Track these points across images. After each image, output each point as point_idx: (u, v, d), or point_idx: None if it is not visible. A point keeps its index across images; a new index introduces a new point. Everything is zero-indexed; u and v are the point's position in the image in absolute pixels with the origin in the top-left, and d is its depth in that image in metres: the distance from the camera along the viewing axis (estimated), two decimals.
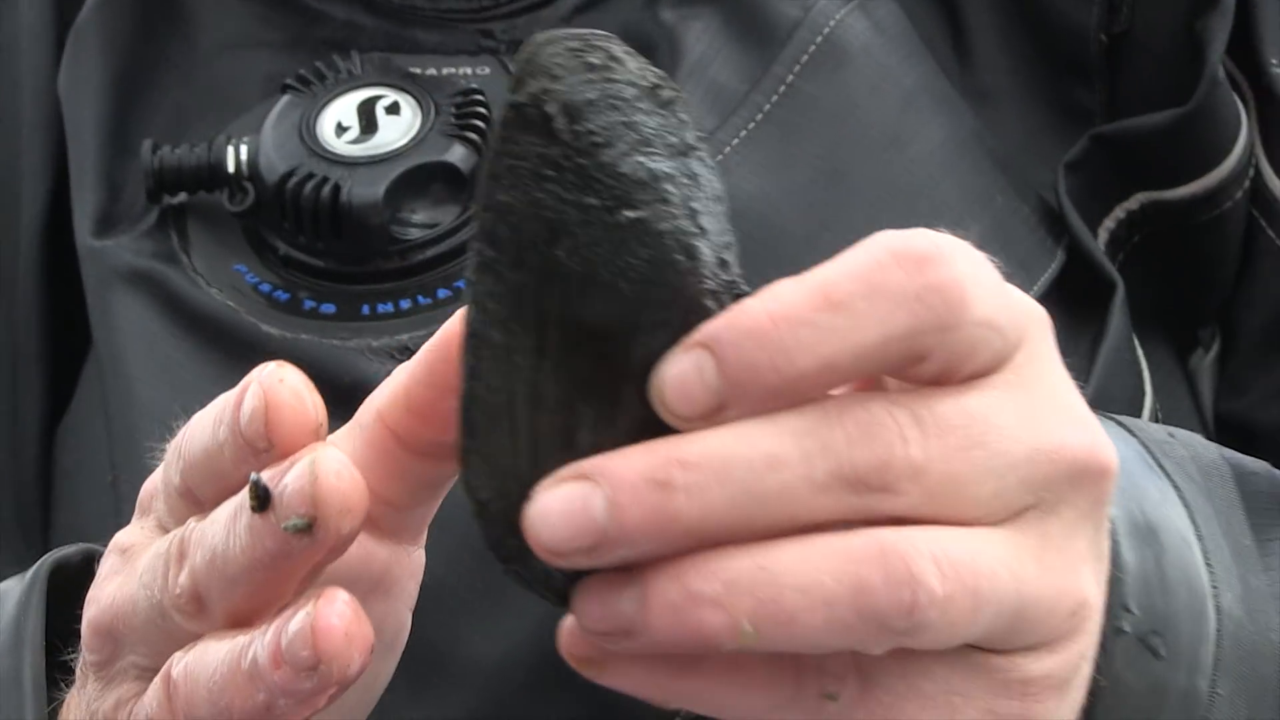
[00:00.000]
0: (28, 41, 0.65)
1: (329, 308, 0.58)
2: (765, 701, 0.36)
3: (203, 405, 0.44)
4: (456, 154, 0.58)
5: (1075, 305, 0.61)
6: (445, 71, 0.62)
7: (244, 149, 0.59)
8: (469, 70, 0.62)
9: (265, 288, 0.59)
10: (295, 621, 0.36)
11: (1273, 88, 0.63)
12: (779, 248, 0.57)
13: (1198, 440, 0.49)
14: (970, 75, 0.66)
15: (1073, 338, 0.60)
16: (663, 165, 0.34)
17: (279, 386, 0.37)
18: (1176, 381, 0.66)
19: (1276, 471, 0.51)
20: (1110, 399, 0.60)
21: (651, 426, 0.34)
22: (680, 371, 0.35)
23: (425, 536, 0.43)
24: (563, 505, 0.34)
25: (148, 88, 0.64)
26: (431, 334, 0.39)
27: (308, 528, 0.37)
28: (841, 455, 0.35)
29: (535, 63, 0.33)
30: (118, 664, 0.41)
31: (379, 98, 0.59)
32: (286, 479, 0.36)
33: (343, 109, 0.59)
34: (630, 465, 0.34)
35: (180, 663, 0.38)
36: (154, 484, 0.42)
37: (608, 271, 0.33)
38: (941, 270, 0.35)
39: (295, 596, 0.37)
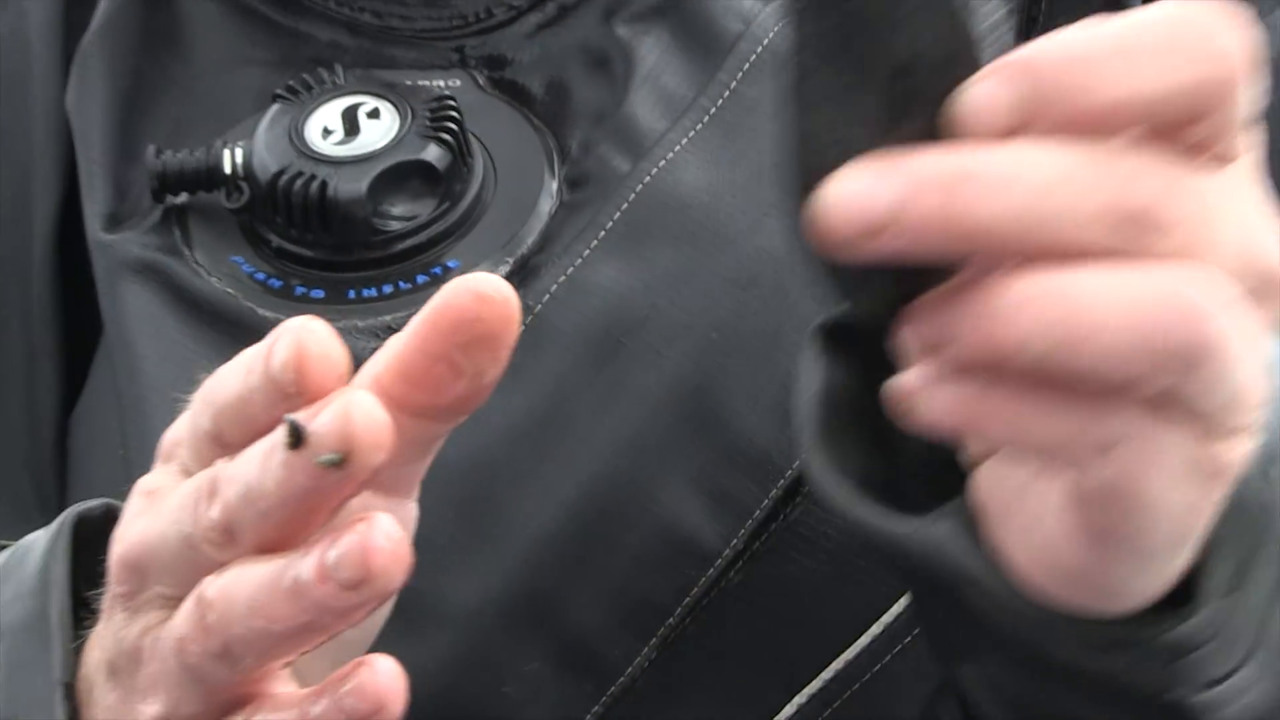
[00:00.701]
0: (40, 46, 0.69)
1: (318, 293, 0.62)
2: (1046, 435, 0.37)
3: (192, 379, 0.48)
4: (432, 153, 0.62)
5: None
6: (420, 83, 0.67)
7: (239, 152, 0.63)
8: (442, 83, 0.67)
9: (260, 276, 0.63)
10: (343, 542, 0.40)
11: None
12: (726, 233, 0.62)
13: None
14: None
15: None
16: None
17: (310, 336, 0.40)
18: None
19: None
20: None
21: None
22: (990, 87, 0.37)
23: (417, 490, 0.47)
24: (854, 187, 0.36)
25: (150, 102, 0.68)
26: (412, 315, 0.42)
27: (340, 462, 0.40)
28: (1119, 190, 0.36)
29: None
30: (144, 594, 0.45)
31: (361, 104, 0.63)
32: (321, 418, 0.39)
33: (328, 114, 0.63)
34: (924, 162, 0.36)
35: (215, 585, 0.42)
36: (177, 434, 0.45)
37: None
38: (1228, 40, 0.37)
39: (320, 530, 0.41)
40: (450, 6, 0.68)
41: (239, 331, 0.61)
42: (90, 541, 0.50)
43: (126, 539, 0.45)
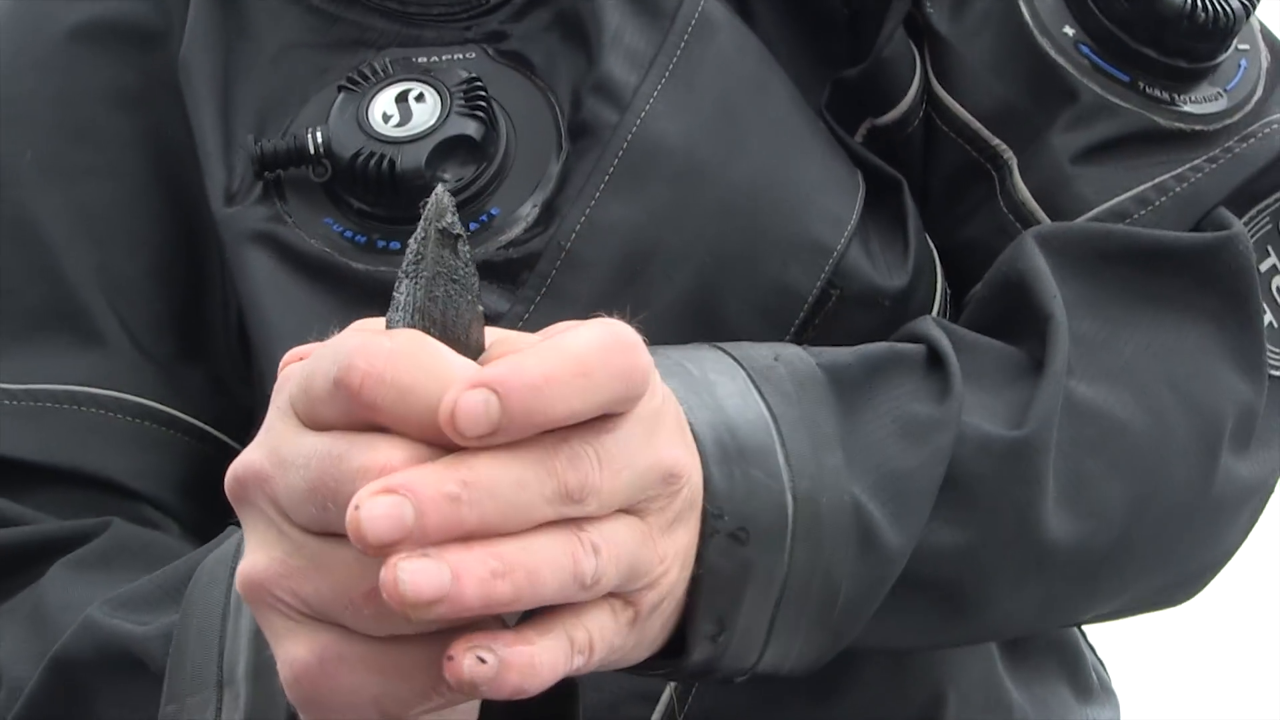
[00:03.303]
0: (200, 56, 0.84)
1: (395, 244, 0.79)
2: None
3: (308, 323, 0.64)
4: (470, 127, 0.79)
5: (876, 202, 0.83)
6: (444, 58, 0.82)
7: (319, 135, 0.79)
8: (460, 55, 0.82)
9: (348, 234, 0.79)
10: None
11: (929, 21, 0.85)
12: (704, 171, 0.78)
13: (798, 357, 0.67)
14: (755, 32, 0.85)
15: (885, 228, 0.83)
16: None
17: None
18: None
19: (865, 350, 0.70)
20: (921, 268, 0.82)
21: None
22: (469, 402, 0.48)
23: None
24: (384, 511, 0.47)
25: (236, 89, 0.84)
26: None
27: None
28: (563, 482, 0.50)
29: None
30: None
31: (409, 90, 0.79)
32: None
33: (384, 101, 0.79)
34: (427, 483, 0.48)
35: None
36: (291, 373, 0.54)
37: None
38: (639, 355, 0.51)
39: None
40: None
41: (337, 280, 0.79)
42: None
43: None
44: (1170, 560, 0.78)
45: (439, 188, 0.53)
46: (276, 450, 0.52)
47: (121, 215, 0.85)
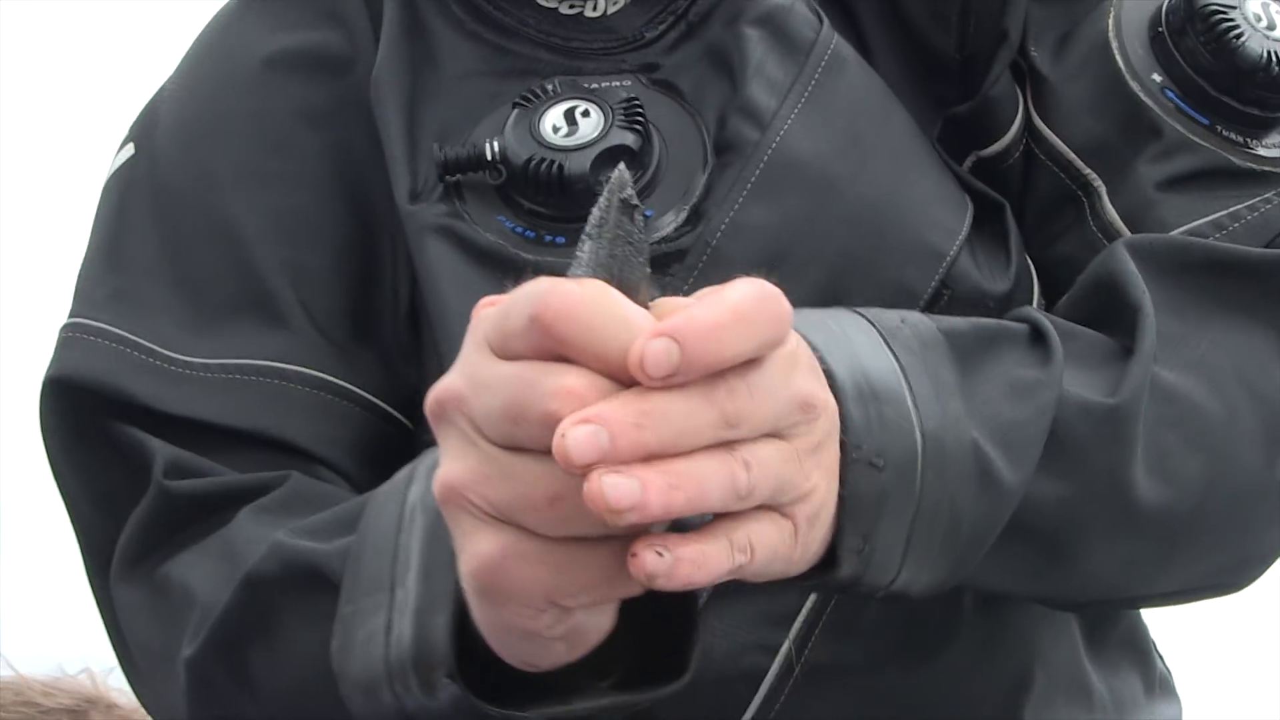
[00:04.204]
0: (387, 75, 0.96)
1: (561, 240, 0.89)
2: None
3: None
4: (629, 139, 0.89)
5: (981, 222, 0.94)
6: (604, 85, 0.93)
7: (496, 144, 0.90)
8: (617, 83, 0.93)
9: (519, 230, 0.89)
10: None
11: (1033, 63, 0.96)
12: (834, 185, 0.89)
13: (922, 321, 0.76)
14: (877, 73, 0.96)
15: (990, 244, 0.94)
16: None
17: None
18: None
19: (978, 321, 0.79)
20: (1021, 278, 0.93)
21: None
22: (655, 350, 0.57)
23: None
24: (585, 436, 0.56)
25: (421, 108, 0.94)
26: None
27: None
28: (722, 411, 0.59)
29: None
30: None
31: (575, 107, 0.90)
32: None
33: (555, 115, 0.90)
34: (617, 415, 0.57)
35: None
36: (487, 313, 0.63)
37: None
38: (784, 304, 0.60)
39: None
40: (615, 32, 0.95)
41: (510, 270, 0.88)
42: None
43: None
44: (1237, 537, 0.87)
45: (620, 165, 0.62)
46: (474, 375, 0.61)
47: (307, 216, 0.96)
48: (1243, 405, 0.85)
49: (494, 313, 0.61)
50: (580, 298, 0.59)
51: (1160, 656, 1.09)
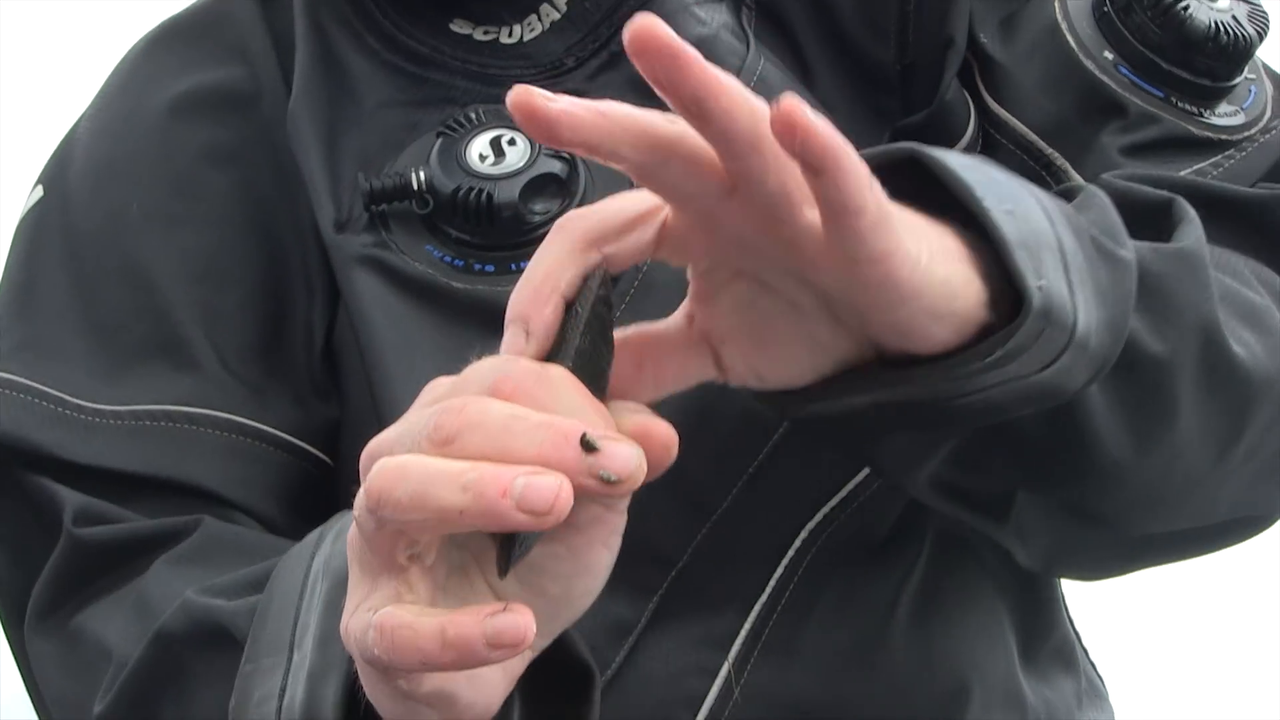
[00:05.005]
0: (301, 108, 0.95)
1: (489, 268, 0.88)
2: None
3: (414, 336, 0.75)
4: (557, 166, 0.88)
5: None
6: None
7: (422, 173, 0.89)
8: None
9: (447, 259, 0.89)
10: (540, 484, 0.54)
11: (984, 49, 0.96)
12: None
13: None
14: (815, 91, 0.96)
15: None
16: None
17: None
18: None
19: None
20: None
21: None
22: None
23: None
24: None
25: (340, 138, 0.94)
26: None
27: (616, 483, 0.54)
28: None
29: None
30: None
31: (502, 135, 0.90)
32: (619, 451, 0.55)
33: (481, 144, 0.89)
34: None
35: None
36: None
37: None
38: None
39: None
40: (531, 59, 0.94)
41: (438, 298, 0.88)
42: None
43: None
44: None
45: (600, 269, 0.62)
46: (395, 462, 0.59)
47: (216, 257, 0.95)
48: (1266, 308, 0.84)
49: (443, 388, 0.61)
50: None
51: (1092, 664, 1.11)
